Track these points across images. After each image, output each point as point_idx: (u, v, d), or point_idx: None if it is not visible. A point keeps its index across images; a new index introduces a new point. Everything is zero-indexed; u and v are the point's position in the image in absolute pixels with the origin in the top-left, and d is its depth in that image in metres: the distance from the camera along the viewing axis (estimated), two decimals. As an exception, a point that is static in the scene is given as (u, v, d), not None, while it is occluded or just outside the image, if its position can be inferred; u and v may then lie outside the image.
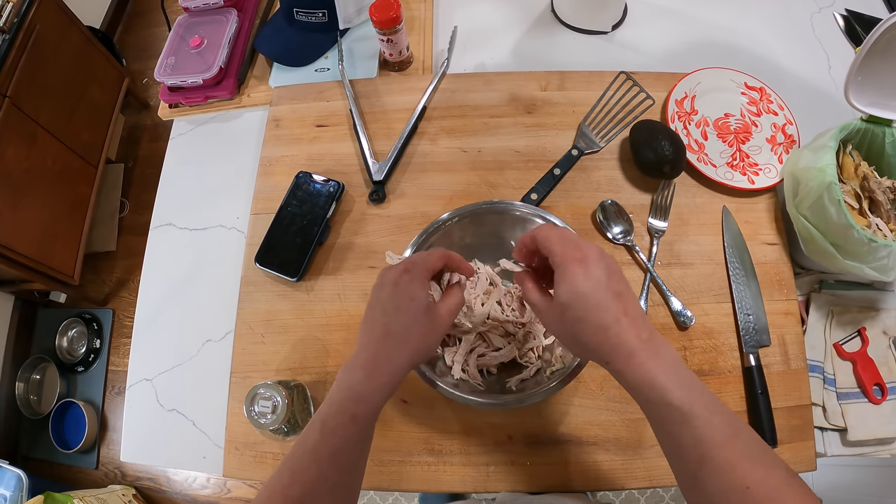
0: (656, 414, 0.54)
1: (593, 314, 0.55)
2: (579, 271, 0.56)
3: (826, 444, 0.88)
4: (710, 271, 0.94)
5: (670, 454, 0.56)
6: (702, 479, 0.51)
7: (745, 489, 0.49)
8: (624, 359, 0.54)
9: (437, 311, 0.64)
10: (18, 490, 1.91)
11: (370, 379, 0.60)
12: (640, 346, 0.54)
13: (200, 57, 1.16)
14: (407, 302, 0.62)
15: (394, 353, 0.61)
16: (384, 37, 1.07)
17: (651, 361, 0.54)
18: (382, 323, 0.63)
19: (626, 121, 1.05)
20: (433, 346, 0.63)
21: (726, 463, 0.50)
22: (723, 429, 0.51)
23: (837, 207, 0.81)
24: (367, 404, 0.59)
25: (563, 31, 1.21)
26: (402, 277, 0.63)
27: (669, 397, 0.52)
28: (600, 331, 0.55)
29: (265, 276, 0.98)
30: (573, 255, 0.57)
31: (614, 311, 0.55)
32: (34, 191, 2.01)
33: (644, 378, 0.53)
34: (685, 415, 0.52)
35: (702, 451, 0.51)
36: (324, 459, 0.57)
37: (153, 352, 1.01)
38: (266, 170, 1.06)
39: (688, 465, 0.53)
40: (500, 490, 0.84)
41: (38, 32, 2.00)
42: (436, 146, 1.06)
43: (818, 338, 0.93)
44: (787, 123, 1.04)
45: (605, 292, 0.55)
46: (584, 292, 0.55)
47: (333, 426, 0.58)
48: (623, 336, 0.54)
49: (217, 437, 0.93)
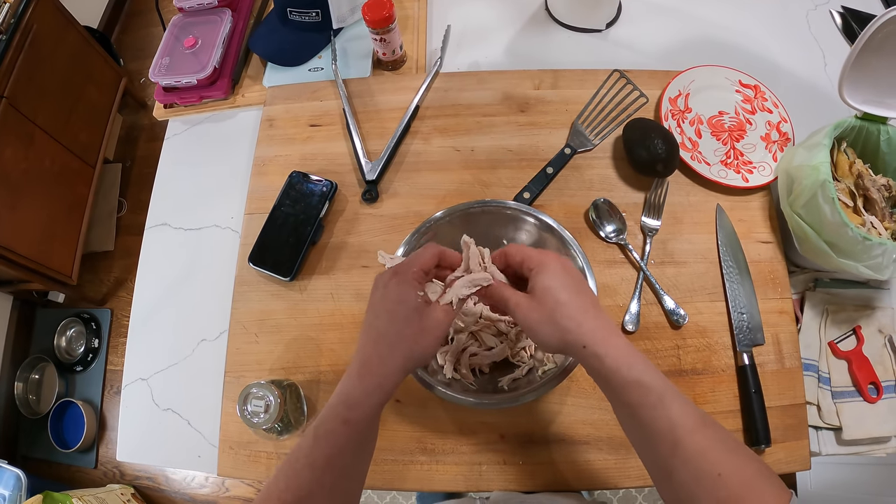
0: (631, 397, 0.56)
1: (574, 297, 0.59)
2: (556, 263, 0.62)
3: (821, 444, 0.88)
4: (703, 270, 0.94)
5: (642, 442, 0.58)
6: (675, 467, 0.53)
7: (717, 476, 0.50)
8: (603, 341, 0.57)
9: (431, 313, 0.62)
10: (17, 489, 1.91)
11: (361, 383, 0.60)
12: (614, 333, 0.58)
13: (195, 57, 1.16)
14: (395, 305, 0.62)
15: (385, 357, 0.61)
16: (377, 36, 1.07)
17: (626, 347, 0.57)
18: (374, 327, 0.63)
19: (619, 119, 1.04)
20: (428, 347, 0.62)
21: (699, 448, 0.52)
22: (694, 416, 0.54)
23: (832, 206, 0.81)
24: (358, 408, 0.59)
25: (557, 30, 1.20)
26: (392, 280, 0.63)
27: (646, 379, 0.55)
28: (579, 311, 0.59)
29: (259, 276, 0.98)
30: (547, 254, 0.63)
31: (590, 299, 0.60)
32: (32, 191, 2.01)
33: (624, 359, 0.56)
34: (661, 397, 0.54)
35: (676, 436, 0.52)
36: (318, 464, 0.58)
37: (149, 351, 1.01)
38: (260, 169, 1.06)
39: (660, 452, 0.54)
40: (493, 489, 0.84)
41: (36, 33, 2.00)
42: (429, 145, 1.06)
43: (813, 336, 0.93)
44: (781, 121, 1.04)
45: (580, 283, 0.61)
46: (562, 279, 0.61)
47: (326, 431, 0.59)
48: (599, 321, 0.59)
49: (212, 437, 0.93)
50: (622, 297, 0.92)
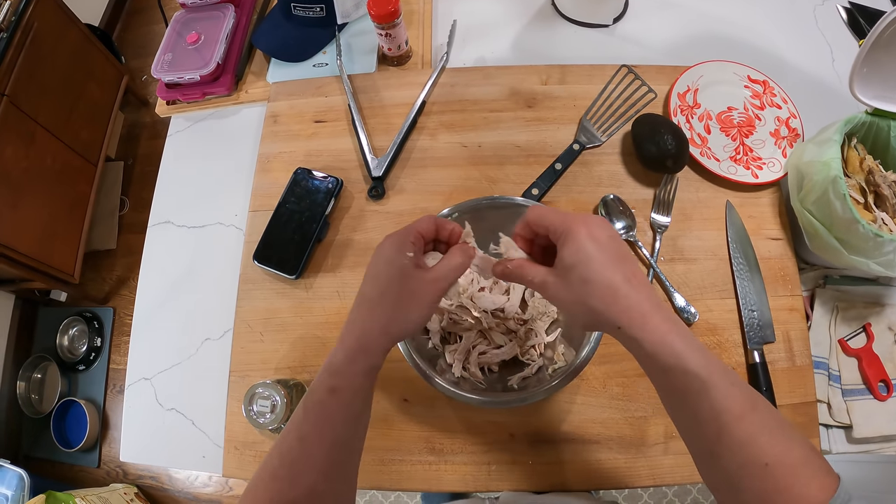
0: (674, 383, 0.52)
1: (600, 274, 0.53)
2: (582, 231, 0.54)
3: (831, 442, 0.88)
4: (713, 267, 0.93)
5: (686, 429, 0.54)
6: (719, 454, 0.49)
7: (765, 465, 0.47)
8: (638, 322, 0.52)
9: (418, 276, 0.59)
10: (20, 489, 1.91)
11: (343, 348, 0.59)
12: (653, 310, 0.52)
13: (198, 53, 1.15)
14: (383, 266, 0.60)
15: (366, 321, 0.60)
16: (382, 31, 1.06)
17: (666, 325, 0.52)
18: (360, 292, 0.62)
19: (627, 115, 1.04)
20: (414, 313, 0.59)
21: (745, 437, 0.48)
22: (741, 400, 0.49)
23: (842, 202, 0.80)
24: (342, 375, 0.58)
25: (563, 25, 1.20)
26: (385, 242, 0.62)
27: (689, 364, 0.50)
28: (609, 291, 0.53)
29: (264, 274, 0.97)
30: (573, 219, 0.55)
31: (622, 272, 0.53)
32: (34, 190, 2.00)
33: (663, 343, 0.51)
34: (704, 383, 0.49)
35: (720, 423, 0.49)
36: (308, 438, 0.56)
37: (152, 351, 1.00)
38: (264, 166, 1.06)
39: (705, 440, 0.51)
40: (502, 489, 0.84)
41: (37, 31, 1.99)
42: (435, 141, 1.05)
43: (823, 334, 0.92)
44: (790, 117, 1.03)
45: (611, 253, 0.54)
46: (589, 252, 0.53)
47: (313, 402, 0.58)
48: (634, 297, 0.52)
49: (216, 437, 0.92)
50: (631, 295, 0.91)
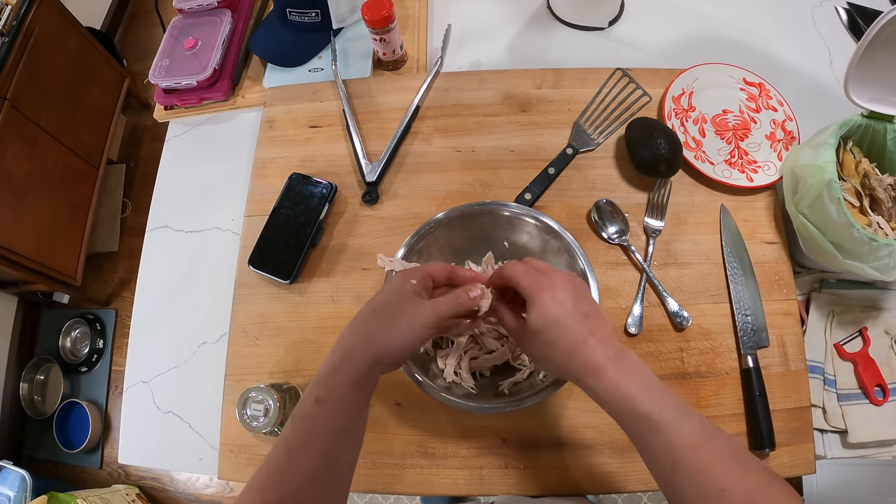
0: (628, 424, 0.57)
1: (562, 337, 0.60)
2: (547, 298, 0.61)
3: (826, 447, 0.87)
4: (707, 271, 0.93)
5: (647, 461, 0.58)
6: (677, 483, 0.54)
7: (721, 491, 0.50)
8: (593, 375, 0.58)
9: (416, 302, 0.63)
10: (22, 490, 1.93)
11: (329, 360, 0.62)
12: (608, 362, 0.58)
13: (195, 58, 1.16)
14: (383, 293, 0.65)
15: (354, 334, 0.63)
16: (377, 36, 1.06)
17: (619, 375, 0.57)
18: (360, 311, 0.65)
19: (622, 118, 1.04)
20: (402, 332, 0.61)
21: (700, 466, 0.52)
22: (694, 434, 0.54)
23: (837, 206, 0.80)
24: (325, 386, 0.60)
25: (559, 28, 1.20)
26: (395, 276, 0.67)
27: (639, 407, 0.55)
28: (568, 351, 0.59)
29: (259, 279, 0.98)
30: (540, 284, 0.62)
31: (582, 333, 0.59)
32: (36, 193, 2.02)
33: (613, 391, 0.57)
34: (655, 422, 0.54)
35: (675, 456, 0.53)
36: (294, 449, 0.58)
37: (150, 354, 1.01)
38: (260, 171, 1.06)
39: (662, 471, 0.55)
40: (495, 493, 0.84)
41: (38, 35, 2.00)
42: (429, 146, 1.05)
43: (818, 338, 0.92)
44: (786, 120, 1.03)
45: (573, 315, 0.60)
46: (553, 317, 0.60)
47: (301, 414, 0.60)
48: (591, 354, 0.58)
49: (213, 439, 0.93)
50: (625, 300, 0.92)
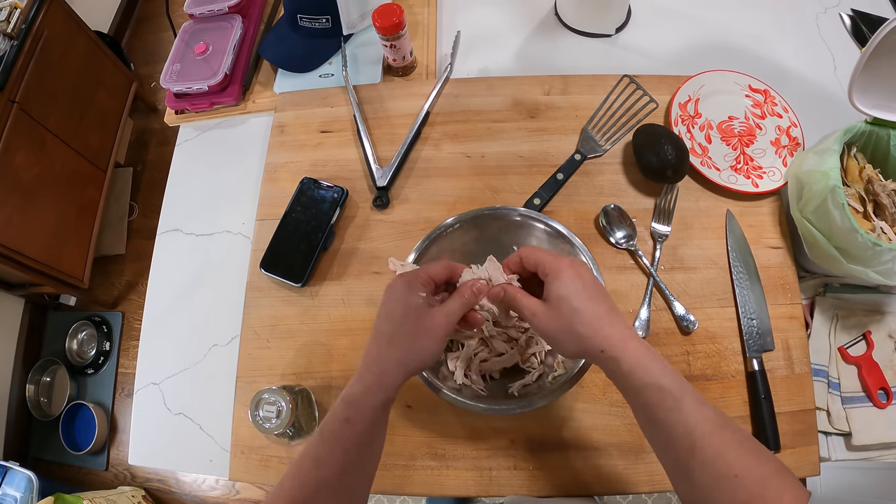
0: (649, 399, 0.57)
1: (589, 304, 0.60)
2: (570, 271, 0.62)
3: (830, 449, 0.88)
4: (713, 275, 0.94)
5: (661, 444, 0.58)
6: (692, 469, 0.53)
7: (734, 477, 0.51)
8: (621, 344, 0.58)
9: (430, 313, 0.64)
10: (29, 491, 1.93)
11: (360, 381, 0.62)
12: (631, 336, 0.59)
13: (206, 63, 1.17)
14: (397, 305, 0.65)
15: (382, 355, 0.63)
16: (387, 42, 1.08)
17: (642, 350, 0.58)
18: (376, 328, 0.66)
19: (629, 124, 1.05)
20: (428, 347, 0.64)
21: (716, 451, 0.52)
22: (712, 418, 0.54)
23: (841, 211, 0.81)
24: (357, 407, 0.61)
25: (566, 35, 1.21)
26: (398, 283, 0.67)
27: (663, 382, 0.56)
28: (595, 319, 0.60)
29: (270, 282, 0.99)
30: (561, 261, 0.64)
31: (606, 305, 0.61)
32: (44, 195, 2.02)
33: (639, 363, 0.57)
34: (678, 401, 0.55)
35: (693, 438, 0.53)
36: (322, 462, 0.59)
37: (160, 356, 1.02)
38: (271, 175, 1.07)
39: (679, 456, 0.55)
40: (503, 494, 0.85)
41: (46, 38, 2.01)
42: (439, 151, 1.06)
43: (823, 342, 0.93)
44: (791, 126, 1.04)
45: (593, 290, 0.62)
46: (577, 286, 0.61)
47: (329, 431, 0.60)
48: (616, 325, 0.60)
49: (223, 441, 0.93)
50: (632, 303, 0.93)
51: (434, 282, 0.68)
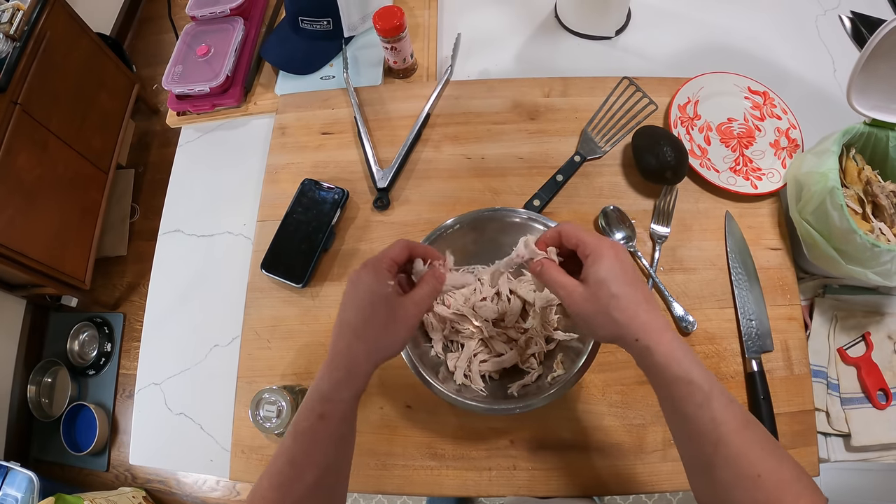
0: (678, 393, 0.56)
1: (628, 290, 0.59)
2: (612, 253, 0.61)
3: (829, 450, 0.88)
4: (712, 276, 0.94)
5: (685, 439, 0.58)
6: (716, 465, 0.53)
7: (757, 477, 0.51)
8: (656, 335, 0.57)
9: (400, 302, 0.64)
10: (30, 492, 1.93)
11: (330, 376, 0.61)
12: (666, 328, 0.58)
13: (207, 65, 1.17)
14: (363, 295, 0.63)
15: (351, 347, 0.62)
16: (388, 44, 1.08)
17: (676, 342, 0.57)
18: (342, 318, 0.64)
19: (628, 126, 1.05)
20: (398, 336, 0.63)
21: (740, 449, 0.52)
22: (738, 416, 0.54)
23: (840, 212, 0.81)
24: (331, 402, 0.60)
25: (566, 37, 1.21)
26: (361, 271, 0.65)
27: (693, 376, 0.55)
28: (633, 306, 0.59)
29: (271, 283, 0.99)
30: (603, 242, 0.62)
31: (643, 292, 0.60)
32: (46, 196, 2.03)
33: (672, 355, 0.56)
34: (707, 395, 0.54)
35: (718, 434, 0.53)
36: (297, 461, 0.58)
37: (162, 356, 1.02)
38: (272, 177, 1.08)
39: (703, 451, 0.54)
40: (503, 495, 0.85)
41: (49, 40, 2.02)
42: (439, 153, 1.07)
43: (822, 343, 0.93)
44: (790, 128, 1.04)
45: (632, 276, 0.61)
46: (620, 271, 0.60)
47: (303, 428, 0.59)
48: (653, 314, 0.59)
49: (224, 441, 0.94)
50: (631, 304, 0.93)
51: (396, 264, 0.66)
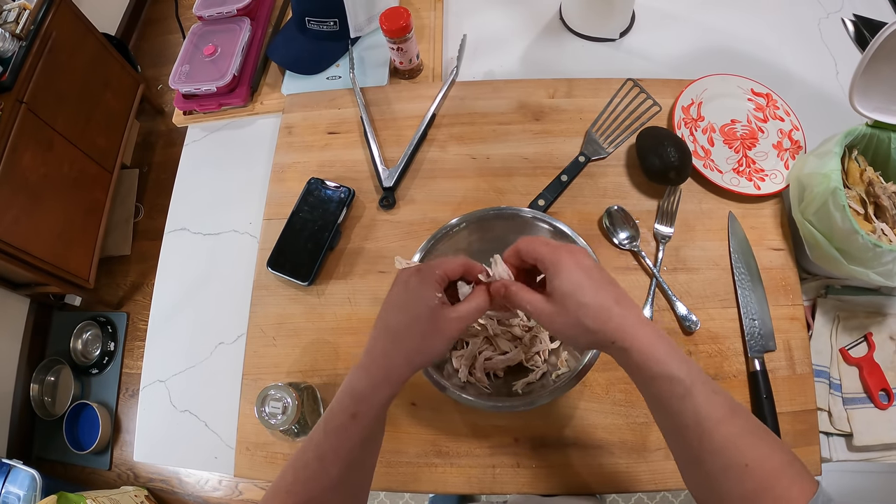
0: (660, 390, 0.56)
1: (594, 296, 0.58)
2: (571, 262, 0.60)
3: (832, 450, 0.88)
4: (715, 276, 0.95)
5: (671, 434, 0.58)
6: (702, 458, 0.53)
7: (745, 466, 0.50)
8: (630, 336, 0.57)
9: (444, 314, 0.63)
10: (32, 490, 1.94)
11: (367, 375, 0.61)
12: (641, 325, 0.57)
13: (214, 65, 1.18)
14: (410, 300, 0.63)
15: (390, 351, 0.62)
16: (394, 45, 1.09)
17: (653, 338, 0.57)
18: (385, 320, 0.64)
19: (632, 127, 1.05)
20: (437, 347, 0.63)
21: (726, 440, 0.52)
22: (722, 406, 0.53)
23: (842, 213, 0.81)
24: (366, 402, 0.60)
25: (571, 39, 1.22)
26: (413, 277, 0.64)
27: (673, 371, 0.54)
28: (603, 311, 0.58)
29: (277, 281, 0.99)
30: (563, 252, 0.61)
31: (611, 295, 0.59)
32: (50, 196, 2.04)
33: (650, 353, 0.56)
34: (688, 389, 0.54)
35: (702, 428, 0.52)
36: (327, 458, 0.58)
37: (167, 354, 1.02)
38: (278, 176, 1.08)
39: (689, 444, 0.54)
40: (507, 492, 0.85)
41: (55, 40, 2.03)
42: (445, 153, 1.07)
43: (824, 343, 0.93)
44: (793, 129, 1.05)
45: (599, 279, 0.60)
46: (580, 280, 0.59)
47: (335, 425, 0.59)
48: (626, 315, 0.58)
49: (229, 438, 0.94)
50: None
51: (448, 278, 0.66)
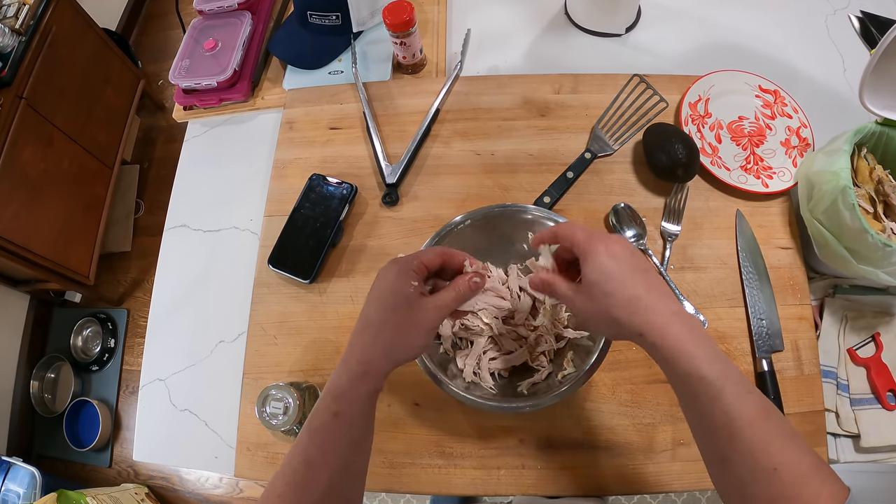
0: (689, 388, 0.54)
1: (621, 287, 0.57)
2: (601, 249, 0.59)
3: (839, 451, 0.88)
4: (723, 275, 0.94)
5: (700, 433, 0.56)
6: (731, 459, 0.51)
7: (773, 470, 0.49)
8: (658, 330, 0.55)
9: (421, 304, 0.62)
10: (32, 487, 1.93)
11: (347, 372, 0.60)
12: (673, 318, 0.55)
13: (215, 59, 1.17)
14: (388, 294, 0.63)
15: (368, 345, 0.61)
16: (397, 39, 1.08)
17: (684, 334, 0.55)
18: (364, 315, 0.63)
19: (639, 124, 1.04)
20: (415, 339, 0.62)
21: (756, 442, 0.50)
22: (754, 408, 0.52)
23: (852, 212, 0.81)
24: (346, 400, 0.59)
25: (576, 34, 1.21)
26: (390, 269, 0.64)
27: (703, 371, 0.52)
28: (630, 302, 0.56)
29: (278, 278, 0.99)
30: (596, 239, 0.60)
31: (641, 285, 0.57)
32: (50, 192, 2.03)
33: (680, 350, 0.54)
34: (719, 390, 0.52)
35: (732, 429, 0.51)
36: (313, 461, 0.57)
37: (166, 352, 1.02)
38: (280, 172, 1.07)
39: (718, 445, 0.53)
40: (511, 493, 0.84)
41: (55, 35, 2.02)
42: (449, 149, 1.06)
43: (832, 343, 0.92)
44: (801, 126, 1.04)
45: (630, 267, 0.58)
46: (610, 268, 0.58)
47: (318, 425, 0.58)
48: (654, 307, 0.56)
49: (229, 438, 0.93)
50: (641, 302, 0.92)
51: (427, 269, 0.65)
